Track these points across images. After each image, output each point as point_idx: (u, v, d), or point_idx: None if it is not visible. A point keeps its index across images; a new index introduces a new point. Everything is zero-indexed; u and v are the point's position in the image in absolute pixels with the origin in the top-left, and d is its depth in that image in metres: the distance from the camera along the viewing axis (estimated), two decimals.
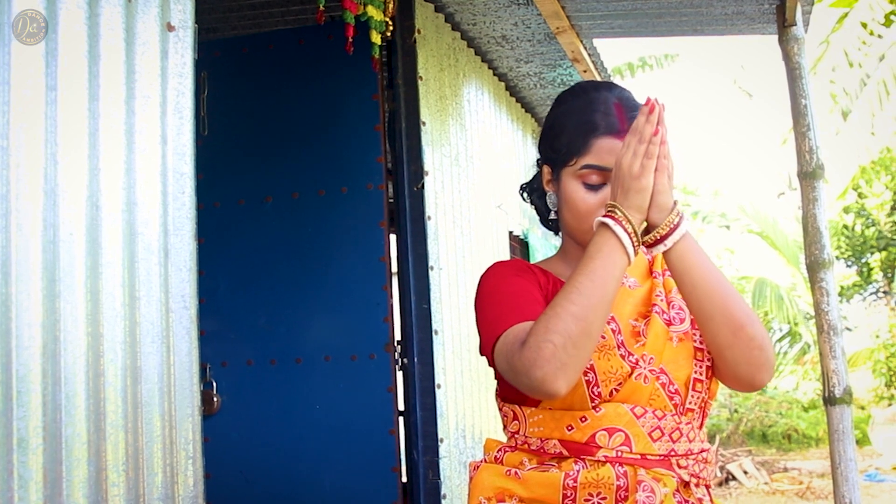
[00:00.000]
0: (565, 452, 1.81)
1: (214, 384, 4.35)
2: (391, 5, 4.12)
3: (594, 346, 1.73)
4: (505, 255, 5.74)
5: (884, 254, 19.12)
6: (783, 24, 4.58)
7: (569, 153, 1.90)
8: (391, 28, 4.15)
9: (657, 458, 1.79)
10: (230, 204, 4.47)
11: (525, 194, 2.16)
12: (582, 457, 1.79)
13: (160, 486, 2.23)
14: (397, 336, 4.31)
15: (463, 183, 4.98)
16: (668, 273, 1.97)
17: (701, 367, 1.88)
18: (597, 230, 1.77)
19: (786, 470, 11.88)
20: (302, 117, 4.48)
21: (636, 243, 1.74)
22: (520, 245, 6.24)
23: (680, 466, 1.81)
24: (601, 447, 1.78)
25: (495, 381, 2.02)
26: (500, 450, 1.93)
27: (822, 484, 10.79)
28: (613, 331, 1.83)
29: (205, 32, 5.09)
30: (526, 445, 1.87)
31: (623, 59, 14.75)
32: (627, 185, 1.74)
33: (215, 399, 4.33)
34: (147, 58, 2.37)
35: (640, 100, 1.85)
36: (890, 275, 19.24)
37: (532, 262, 6.11)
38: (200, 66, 4.47)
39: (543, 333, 1.66)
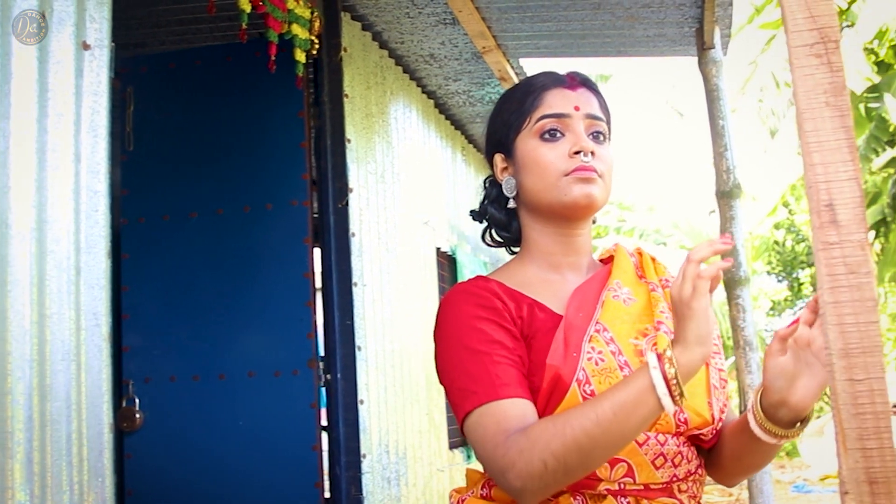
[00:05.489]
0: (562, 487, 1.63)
1: (137, 400, 4.32)
2: (317, 24, 4.15)
3: (584, 475, 1.57)
4: (432, 272, 5.78)
5: (814, 269, 19.48)
6: (702, 47, 4.69)
7: (521, 116, 1.80)
8: (317, 46, 4.18)
9: (660, 486, 1.64)
10: (155, 219, 4.46)
11: (477, 216, 1.96)
12: (581, 491, 1.62)
13: None
14: (321, 352, 4.33)
15: (389, 200, 5.02)
16: (668, 286, 1.80)
17: (719, 397, 1.74)
18: (642, 364, 1.55)
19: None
20: (228, 133, 4.49)
21: (676, 392, 1.49)
22: (447, 261, 6.29)
23: (681, 491, 1.68)
24: (602, 480, 1.61)
25: None
26: (484, 485, 1.74)
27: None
28: (613, 352, 1.66)
29: (133, 47, 5.12)
30: None
31: None
32: (681, 312, 1.53)
33: (137, 415, 4.30)
34: (61, 76, 2.38)
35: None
36: None
37: (460, 279, 6.19)
38: (127, 81, 4.51)
39: (541, 449, 1.49)
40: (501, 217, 1.88)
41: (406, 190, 5.36)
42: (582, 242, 1.82)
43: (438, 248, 6.00)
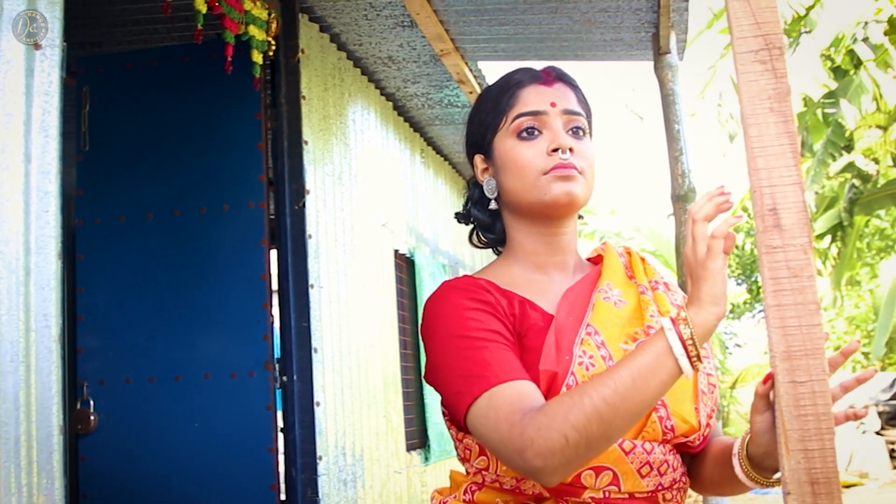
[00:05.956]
0: (546, 493, 1.60)
1: (92, 402, 4.30)
2: (274, 25, 4.15)
3: (607, 448, 1.54)
4: (390, 274, 5.78)
5: None
6: (658, 52, 4.74)
7: (497, 115, 1.76)
8: (274, 47, 4.18)
9: (645, 495, 1.61)
10: (110, 220, 4.43)
11: (462, 220, 1.90)
12: (565, 498, 1.59)
13: None
14: (277, 354, 4.32)
15: (346, 201, 5.02)
16: (658, 288, 1.79)
17: (707, 402, 1.70)
18: (657, 329, 1.54)
19: None
20: (185, 134, 4.47)
21: (693, 354, 1.47)
22: (406, 264, 6.29)
23: (665, 500, 1.65)
24: (587, 487, 1.58)
25: (443, 408, 1.76)
26: (467, 489, 1.70)
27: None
28: (604, 357, 1.62)
29: (89, 47, 5.08)
30: (497, 484, 1.65)
31: None
32: (696, 273, 1.50)
33: (92, 417, 4.27)
34: (11, 76, 2.36)
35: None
36: None
37: (418, 281, 6.19)
38: (83, 80, 4.48)
39: (560, 422, 1.43)
40: (485, 218, 1.83)
41: (364, 192, 5.37)
42: (567, 241, 1.78)
43: (396, 251, 6.01)
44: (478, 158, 1.81)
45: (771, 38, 1.46)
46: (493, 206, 1.80)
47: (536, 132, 1.71)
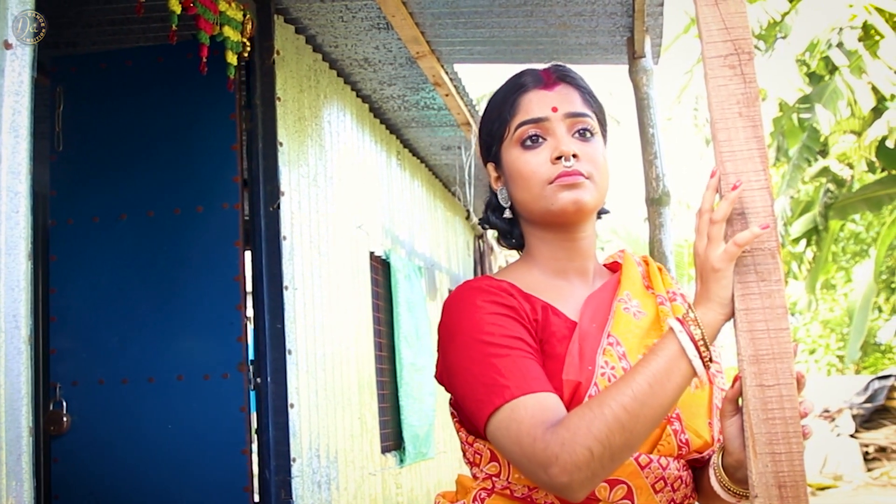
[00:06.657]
0: (558, 503, 1.59)
1: (65, 403, 4.28)
2: (249, 26, 4.14)
3: (630, 457, 1.53)
4: (366, 276, 5.78)
5: None
6: (633, 56, 4.76)
7: (501, 124, 1.73)
8: (249, 49, 4.17)
9: None
10: (84, 221, 4.41)
11: (486, 225, 1.88)
12: None
13: None
14: (251, 356, 4.32)
15: (321, 203, 5.01)
16: (676, 299, 1.76)
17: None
18: (666, 331, 1.52)
19: None
20: (159, 135, 4.47)
21: (704, 353, 1.47)
22: (381, 265, 6.29)
23: None
24: (601, 500, 1.57)
25: (452, 409, 1.77)
26: (476, 497, 1.67)
27: None
28: (625, 369, 1.60)
29: (63, 47, 5.06)
30: (508, 492, 1.63)
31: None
32: (707, 275, 1.49)
33: (65, 419, 4.25)
34: None
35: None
36: None
37: (393, 283, 6.18)
38: (57, 80, 4.46)
39: (583, 436, 1.42)
40: (502, 225, 1.82)
41: (339, 193, 5.36)
42: (585, 246, 1.75)
43: (372, 253, 6.01)
44: (490, 167, 1.80)
45: (740, 42, 1.47)
46: (507, 214, 1.79)
47: (540, 139, 1.68)
